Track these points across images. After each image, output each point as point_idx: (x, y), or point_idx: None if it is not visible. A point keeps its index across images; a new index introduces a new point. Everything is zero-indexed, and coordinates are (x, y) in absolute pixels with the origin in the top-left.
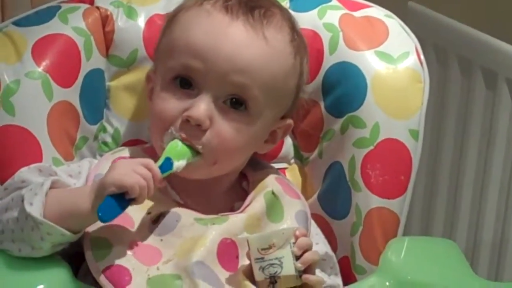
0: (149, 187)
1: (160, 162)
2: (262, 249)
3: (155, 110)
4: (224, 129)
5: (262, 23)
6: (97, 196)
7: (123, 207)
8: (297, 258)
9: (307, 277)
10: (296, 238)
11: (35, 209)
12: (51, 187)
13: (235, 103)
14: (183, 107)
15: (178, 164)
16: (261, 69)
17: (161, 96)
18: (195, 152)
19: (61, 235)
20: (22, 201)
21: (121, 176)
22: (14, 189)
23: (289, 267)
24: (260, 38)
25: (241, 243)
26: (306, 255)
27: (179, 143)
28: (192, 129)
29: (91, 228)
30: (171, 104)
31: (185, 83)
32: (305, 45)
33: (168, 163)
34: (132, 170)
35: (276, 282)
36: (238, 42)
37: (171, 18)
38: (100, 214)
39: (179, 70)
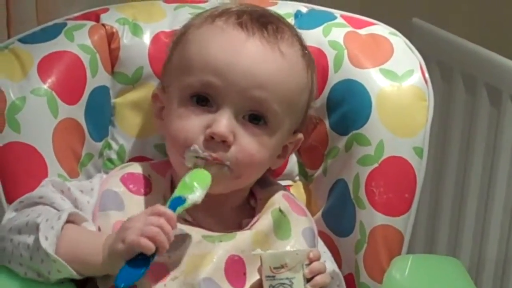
0: (167, 233)
1: (169, 202)
2: (274, 268)
3: (174, 128)
4: (248, 143)
5: (277, 38)
6: (110, 255)
7: (145, 265)
8: (308, 280)
9: None
10: (310, 260)
11: (49, 243)
12: (67, 221)
13: (255, 118)
14: (204, 124)
15: (195, 196)
16: (279, 84)
17: (179, 114)
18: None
19: (70, 275)
20: (37, 230)
21: (132, 237)
22: (30, 203)
23: None
24: (277, 53)
25: (249, 260)
26: (317, 278)
27: (204, 171)
28: (217, 146)
29: None
30: (191, 121)
31: (203, 100)
32: (313, 60)
33: (179, 200)
34: (144, 225)
35: None
36: (257, 57)
37: (181, 36)
38: (121, 285)
39: (198, 87)
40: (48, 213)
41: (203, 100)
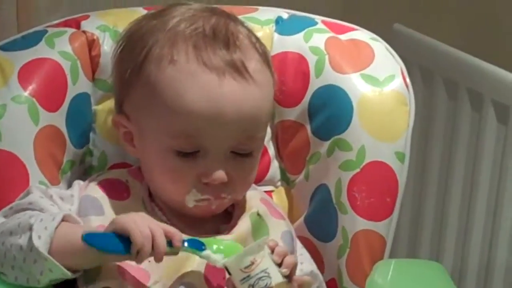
0: (157, 245)
1: (188, 238)
2: (245, 268)
3: (165, 181)
4: (242, 173)
5: (241, 58)
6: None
7: (115, 248)
8: (278, 265)
9: (297, 278)
10: (271, 248)
11: (42, 243)
12: (62, 220)
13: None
14: (197, 173)
15: (214, 256)
16: (261, 113)
17: (168, 168)
18: None
19: (62, 274)
20: (30, 230)
21: (132, 222)
22: (20, 209)
23: (276, 275)
24: (251, 83)
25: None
26: (286, 259)
27: (238, 246)
28: (214, 188)
29: None
30: (183, 174)
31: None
32: (268, 52)
33: (200, 244)
34: (147, 225)
35: None
36: (237, 100)
37: (137, 69)
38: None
39: (183, 143)
40: (41, 215)
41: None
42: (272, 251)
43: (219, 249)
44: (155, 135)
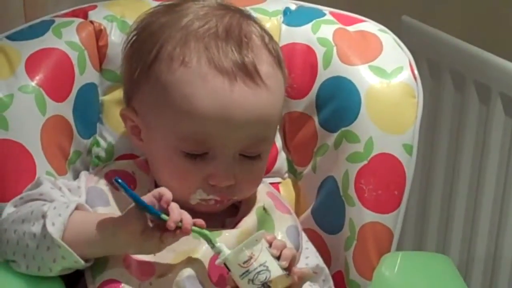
0: (185, 219)
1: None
2: (244, 262)
3: (172, 179)
4: (249, 175)
5: (253, 60)
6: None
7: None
8: (277, 258)
9: (297, 271)
10: (269, 242)
11: (56, 230)
12: (76, 208)
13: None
14: (204, 174)
15: (222, 247)
16: (271, 117)
17: (175, 166)
18: None
19: (74, 261)
20: (44, 217)
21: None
22: (30, 200)
23: (276, 268)
24: (262, 88)
25: None
26: (285, 251)
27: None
28: (221, 190)
29: None
30: (190, 174)
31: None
32: (281, 55)
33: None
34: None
35: (269, 287)
36: (248, 105)
37: (146, 69)
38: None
39: (192, 145)
40: (54, 203)
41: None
42: (270, 245)
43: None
44: (163, 134)
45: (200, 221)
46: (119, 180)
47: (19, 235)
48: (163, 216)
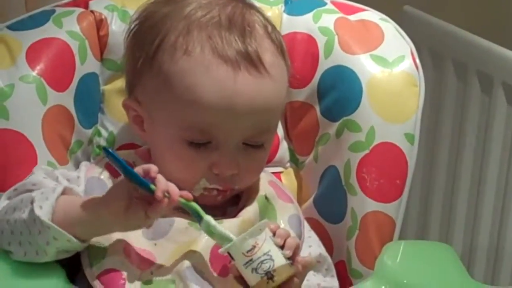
0: (172, 190)
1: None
2: (248, 251)
3: (175, 169)
4: (250, 166)
5: (256, 49)
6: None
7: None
8: (281, 247)
9: (300, 260)
10: (272, 231)
11: (44, 212)
12: (62, 194)
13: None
14: (208, 164)
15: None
16: (275, 106)
17: (179, 156)
18: None
19: (67, 241)
20: (32, 203)
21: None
22: (24, 190)
23: (279, 258)
24: (266, 77)
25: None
26: (288, 240)
27: None
28: (224, 179)
29: None
30: (194, 164)
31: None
32: (283, 43)
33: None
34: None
35: (273, 276)
36: (252, 94)
37: (149, 59)
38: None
39: (196, 135)
40: (42, 189)
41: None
42: (274, 234)
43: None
44: (166, 124)
45: (187, 193)
46: (109, 150)
47: (11, 224)
48: (152, 186)
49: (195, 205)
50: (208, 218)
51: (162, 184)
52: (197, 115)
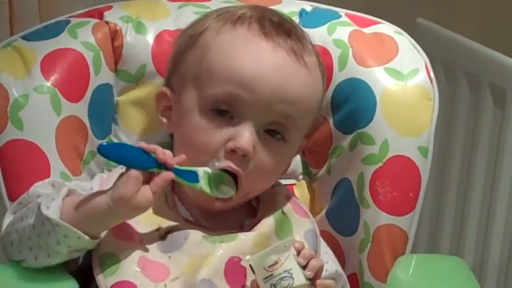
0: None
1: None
2: (269, 266)
3: (194, 141)
4: (265, 159)
5: (300, 47)
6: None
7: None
8: (303, 268)
9: (321, 282)
10: (297, 250)
11: (51, 212)
12: (67, 195)
13: (274, 132)
14: (226, 137)
15: (203, 185)
16: (305, 99)
17: (199, 127)
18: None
19: (77, 237)
20: (39, 207)
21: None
22: (28, 203)
23: (300, 277)
24: (303, 66)
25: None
26: (312, 262)
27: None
28: (237, 159)
29: (100, 244)
30: (213, 136)
31: (223, 111)
32: (324, 66)
33: (193, 175)
34: None
35: None
36: (285, 71)
37: (196, 39)
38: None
39: (223, 100)
40: (47, 194)
41: (223, 111)
42: (298, 253)
43: (207, 173)
44: (193, 97)
45: (182, 157)
46: (104, 145)
47: (20, 232)
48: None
49: (191, 168)
50: (203, 169)
51: (159, 150)
52: (227, 83)
